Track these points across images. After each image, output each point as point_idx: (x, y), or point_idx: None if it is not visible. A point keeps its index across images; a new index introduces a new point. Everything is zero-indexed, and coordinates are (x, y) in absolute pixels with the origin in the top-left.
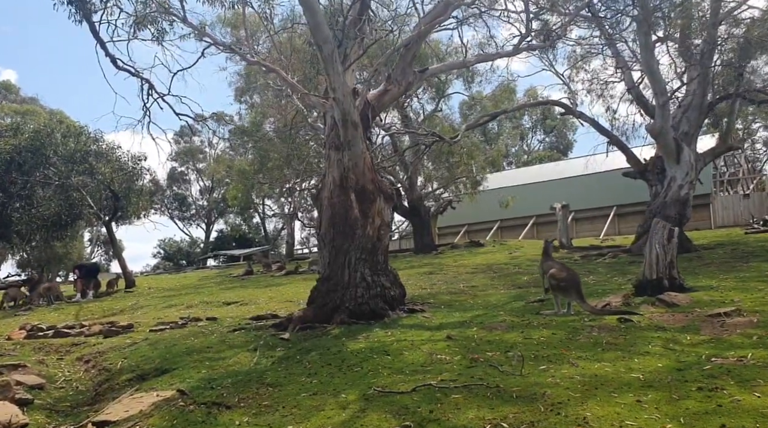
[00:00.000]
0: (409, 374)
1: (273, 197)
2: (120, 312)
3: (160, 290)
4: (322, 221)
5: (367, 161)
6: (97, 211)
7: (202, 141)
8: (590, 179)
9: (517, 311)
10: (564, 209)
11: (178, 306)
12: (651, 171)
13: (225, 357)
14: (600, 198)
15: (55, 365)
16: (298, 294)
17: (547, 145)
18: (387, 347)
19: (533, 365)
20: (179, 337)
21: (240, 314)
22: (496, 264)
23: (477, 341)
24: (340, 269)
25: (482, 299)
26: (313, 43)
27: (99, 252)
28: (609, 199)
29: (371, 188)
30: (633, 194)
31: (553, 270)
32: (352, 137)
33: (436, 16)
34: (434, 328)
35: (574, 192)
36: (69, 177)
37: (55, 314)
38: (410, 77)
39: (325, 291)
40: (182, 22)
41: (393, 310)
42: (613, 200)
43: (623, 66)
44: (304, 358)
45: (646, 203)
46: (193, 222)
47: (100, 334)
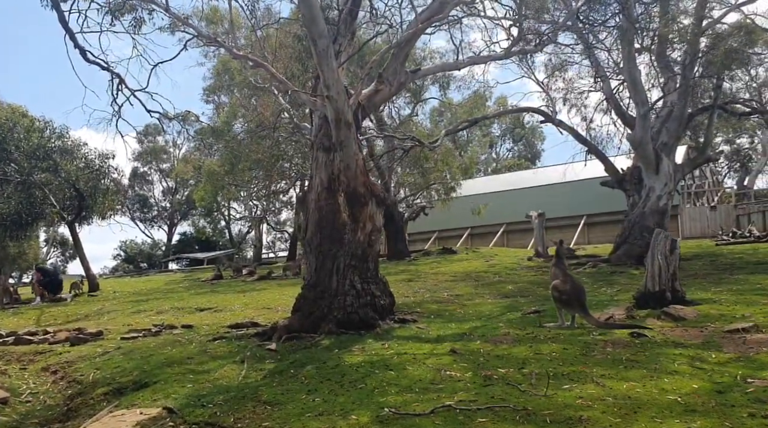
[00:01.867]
0: (419, 392)
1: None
2: (85, 318)
3: (125, 294)
4: (309, 225)
5: (359, 163)
6: (60, 210)
7: (166, 141)
8: (561, 187)
9: (517, 323)
10: (540, 218)
11: (147, 312)
12: (629, 181)
13: (209, 369)
14: (570, 207)
15: (18, 376)
16: (274, 301)
17: (515, 153)
18: (387, 361)
19: (554, 383)
20: (155, 346)
21: (216, 322)
22: (475, 272)
23: (484, 356)
24: (327, 276)
25: (473, 310)
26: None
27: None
28: (579, 208)
29: (363, 191)
30: (603, 204)
31: (556, 282)
32: (344, 137)
33: (431, 15)
34: (433, 340)
35: (545, 200)
36: (31, 174)
37: (14, 318)
38: (402, 77)
39: (311, 299)
40: (165, 11)
41: (383, 320)
42: (584, 209)
43: (602, 75)
44: (298, 372)
45: (616, 213)
46: (155, 224)
47: (67, 341)
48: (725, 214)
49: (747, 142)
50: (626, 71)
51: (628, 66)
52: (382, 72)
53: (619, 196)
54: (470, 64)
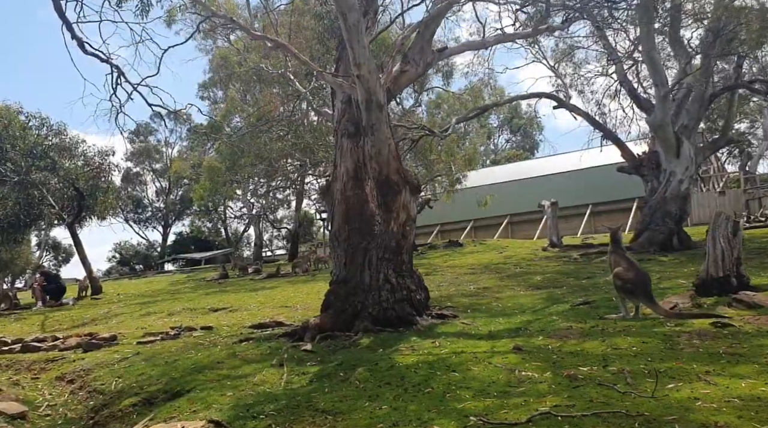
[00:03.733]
0: (499, 396)
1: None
2: (92, 322)
3: (130, 296)
4: (335, 217)
5: (391, 148)
6: (59, 211)
7: (158, 140)
8: (565, 177)
9: (571, 316)
10: (553, 207)
11: (158, 314)
12: (646, 166)
13: (246, 374)
14: (575, 197)
15: (31, 386)
16: (291, 299)
17: (513, 144)
18: (445, 361)
19: (654, 382)
20: (176, 350)
21: (236, 322)
22: (492, 264)
23: (555, 352)
24: (359, 270)
25: (511, 303)
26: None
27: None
28: (584, 197)
29: (396, 178)
30: (609, 193)
31: (618, 269)
32: (376, 120)
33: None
34: (486, 337)
35: (549, 190)
36: (29, 173)
37: (17, 324)
38: (429, 57)
39: (343, 295)
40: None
41: (420, 316)
42: (589, 199)
43: (615, 58)
44: (349, 375)
45: (622, 201)
46: (149, 225)
47: (79, 348)
48: (734, 199)
49: (746, 127)
50: (645, 52)
51: (646, 46)
52: (407, 52)
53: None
54: (496, 43)
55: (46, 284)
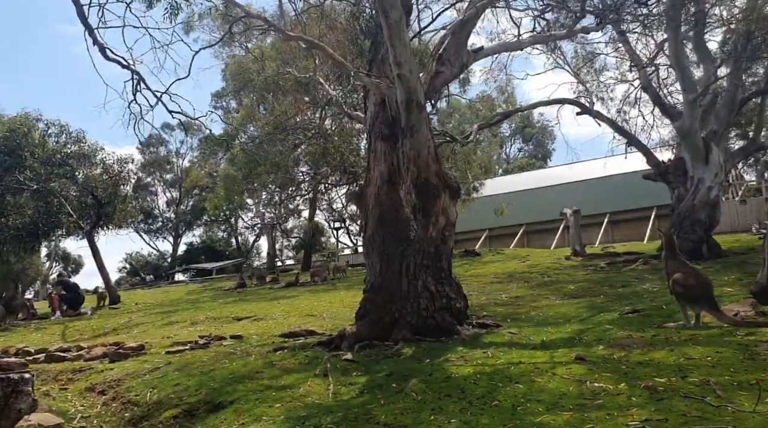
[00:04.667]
0: (576, 410)
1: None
2: (113, 331)
3: (148, 305)
4: (368, 222)
5: (431, 150)
6: (77, 219)
7: (169, 151)
8: (582, 186)
9: (624, 325)
10: (576, 215)
11: (180, 323)
12: (672, 173)
13: (289, 385)
14: (592, 205)
15: (60, 397)
16: (315, 308)
17: (526, 153)
18: (504, 372)
19: (746, 395)
20: (209, 360)
21: (264, 331)
22: (517, 273)
23: (623, 363)
24: (395, 277)
25: (552, 312)
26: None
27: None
28: (602, 206)
29: (435, 181)
30: (626, 202)
31: (677, 275)
32: (416, 121)
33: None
34: (540, 347)
35: (565, 199)
36: (48, 181)
37: (37, 334)
38: (464, 58)
39: (379, 303)
40: None
41: (461, 325)
42: (606, 208)
43: (638, 64)
44: (402, 387)
45: (640, 210)
46: (159, 235)
47: (105, 357)
48: (756, 208)
49: None
50: (673, 56)
51: (674, 50)
52: (442, 53)
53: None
54: (532, 44)
55: (64, 293)
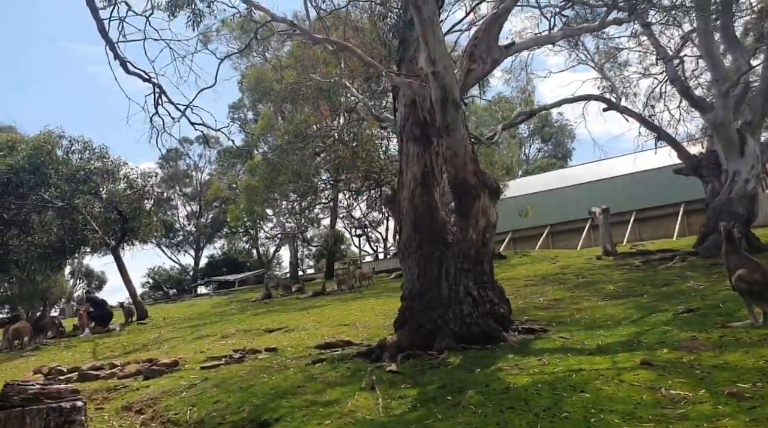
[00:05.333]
0: (657, 420)
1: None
2: (143, 347)
3: (176, 320)
4: (403, 227)
5: (468, 150)
6: (102, 235)
7: (188, 165)
8: (607, 184)
9: (683, 325)
10: (605, 213)
11: (211, 337)
12: (705, 166)
13: (335, 399)
14: (618, 203)
15: (97, 417)
16: (346, 317)
17: (545, 153)
18: (565, 380)
19: None
20: (246, 374)
21: (298, 343)
22: (549, 275)
23: (695, 367)
24: (434, 282)
25: (598, 314)
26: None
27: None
28: (628, 204)
29: (474, 181)
30: (653, 198)
31: (741, 271)
32: (452, 119)
33: None
34: (597, 352)
35: (591, 198)
36: (73, 198)
37: (68, 353)
38: (496, 54)
39: (419, 311)
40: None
41: (506, 331)
42: (633, 205)
43: (665, 56)
44: (458, 399)
45: (667, 206)
46: (181, 249)
47: (139, 375)
48: None
49: None
50: (703, 46)
51: (704, 40)
52: (473, 49)
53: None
54: (563, 37)
55: (92, 310)
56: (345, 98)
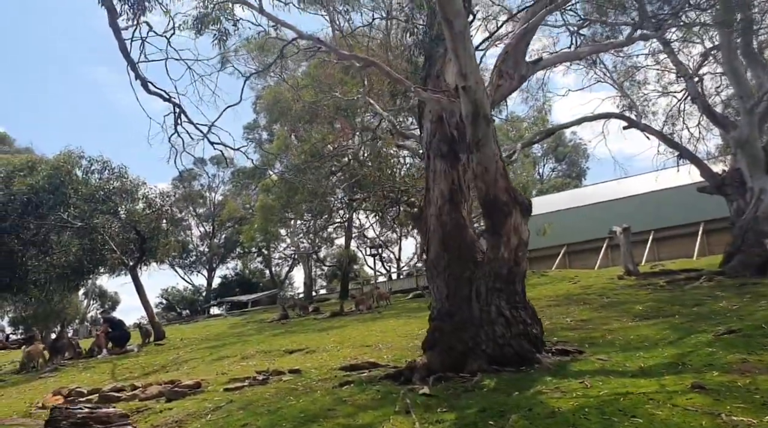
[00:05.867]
0: None
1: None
2: (162, 369)
3: (193, 340)
4: (431, 245)
5: (499, 166)
6: (120, 255)
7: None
8: (624, 203)
9: (728, 347)
10: (626, 232)
11: (231, 358)
12: (729, 185)
13: (369, 424)
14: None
15: None
16: (367, 338)
17: (559, 173)
18: (613, 404)
19: None
20: (271, 397)
21: (321, 365)
22: (572, 295)
23: (753, 391)
24: (465, 302)
25: (632, 335)
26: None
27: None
28: (646, 224)
29: (505, 198)
30: (671, 218)
31: None
32: (483, 135)
33: None
34: (641, 374)
35: (608, 218)
36: (92, 218)
37: (87, 374)
38: (524, 69)
39: (449, 332)
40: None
41: (539, 352)
42: (650, 225)
43: (685, 74)
44: (501, 424)
45: (686, 225)
46: (193, 269)
47: (161, 396)
48: None
49: None
50: (726, 63)
51: (728, 57)
52: (500, 65)
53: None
54: (590, 53)
55: (110, 330)
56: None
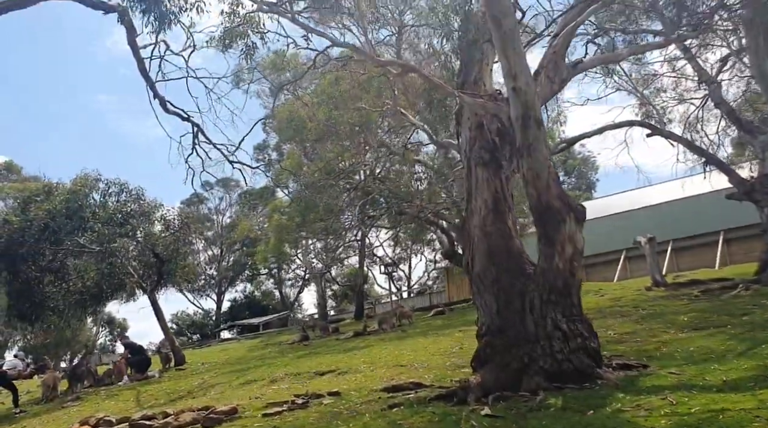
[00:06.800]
0: None
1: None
2: (189, 394)
3: (215, 365)
4: (475, 257)
5: (551, 171)
6: (139, 279)
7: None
8: (640, 214)
9: None
10: (651, 243)
11: (259, 382)
12: (759, 191)
13: None
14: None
15: None
16: (398, 358)
17: (569, 186)
18: (713, 422)
19: None
20: (317, 421)
21: (359, 386)
22: (604, 308)
23: None
24: (517, 316)
25: (692, 347)
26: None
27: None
28: (663, 234)
29: (558, 205)
30: (689, 228)
31: None
32: (534, 138)
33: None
34: (728, 389)
35: (623, 229)
36: (111, 241)
37: (111, 401)
38: (564, 73)
39: (502, 348)
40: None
41: (599, 367)
42: (668, 235)
43: (707, 80)
44: None
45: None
46: (203, 293)
47: (196, 424)
48: None
49: None
50: (755, 66)
51: (756, 60)
52: (540, 69)
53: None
54: (630, 55)
55: (130, 356)
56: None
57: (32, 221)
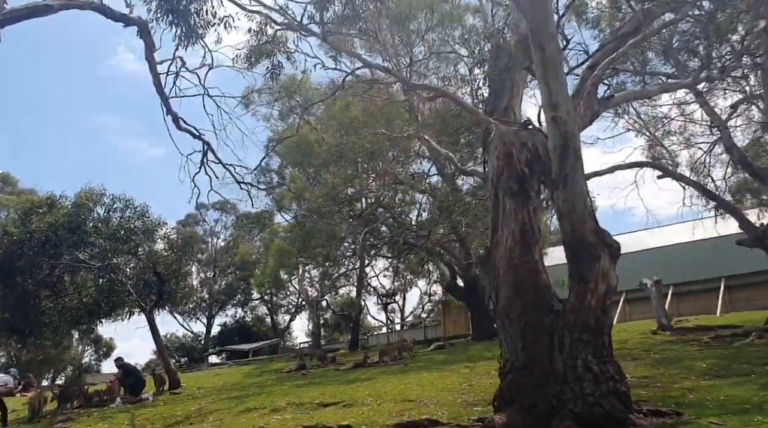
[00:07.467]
0: None
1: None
2: (185, 420)
3: (210, 390)
4: (501, 290)
5: (587, 204)
6: (137, 298)
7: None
8: (642, 256)
9: None
10: (657, 285)
11: (259, 410)
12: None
13: None
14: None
15: None
16: (405, 392)
17: None
18: None
19: None
20: None
21: (368, 420)
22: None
23: None
24: (545, 354)
25: (721, 395)
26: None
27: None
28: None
29: (593, 240)
30: (690, 273)
31: None
32: (572, 169)
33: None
34: None
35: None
36: (113, 258)
37: (104, 424)
38: (596, 106)
39: (530, 387)
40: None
41: (630, 413)
42: (669, 279)
43: (719, 124)
44: None
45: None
46: (192, 316)
47: None
48: None
49: None
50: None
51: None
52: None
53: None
54: (659, 92)
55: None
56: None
57: (33, 233)
